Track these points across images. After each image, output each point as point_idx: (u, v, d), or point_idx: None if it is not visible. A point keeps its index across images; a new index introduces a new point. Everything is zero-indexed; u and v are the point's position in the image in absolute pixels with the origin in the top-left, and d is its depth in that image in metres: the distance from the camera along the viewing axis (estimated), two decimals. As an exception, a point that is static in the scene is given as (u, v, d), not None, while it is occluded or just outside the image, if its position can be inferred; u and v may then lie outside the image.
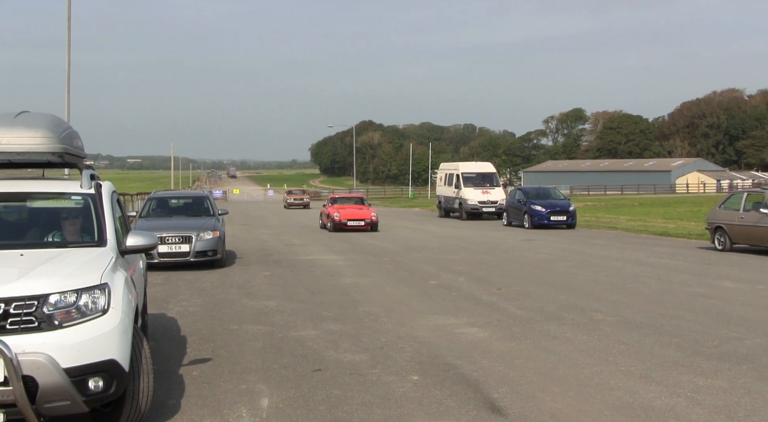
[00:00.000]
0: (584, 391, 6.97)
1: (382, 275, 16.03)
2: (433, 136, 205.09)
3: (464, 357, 8.38)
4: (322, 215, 32.66)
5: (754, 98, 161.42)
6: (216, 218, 18.77)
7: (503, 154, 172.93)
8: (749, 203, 20.23)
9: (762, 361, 8.03)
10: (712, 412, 6.32)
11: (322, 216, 32.65)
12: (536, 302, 12.08)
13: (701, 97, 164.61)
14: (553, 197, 33.69)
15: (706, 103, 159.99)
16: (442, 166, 47.19)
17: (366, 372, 7.75)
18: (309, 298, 12.86)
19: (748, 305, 11.73)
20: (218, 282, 15.04)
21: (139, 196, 47.82)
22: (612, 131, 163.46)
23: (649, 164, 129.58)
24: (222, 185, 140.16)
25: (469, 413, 6.37)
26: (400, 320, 10.70)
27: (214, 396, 6.90)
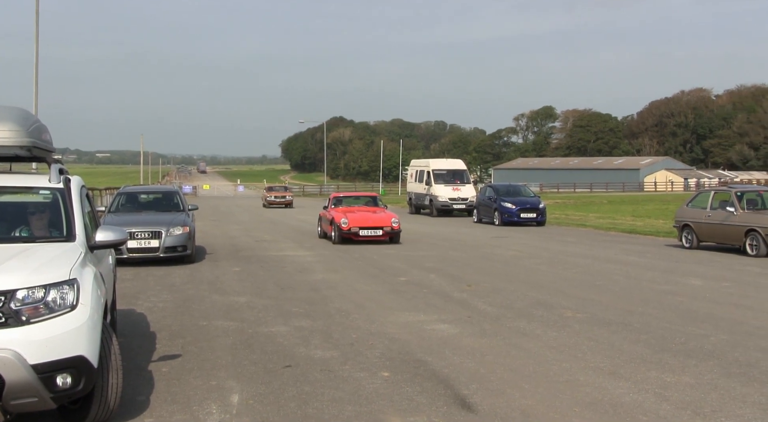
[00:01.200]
0: (554, 387, 7.02)
1: (352, 271, 16.02)
2: (404, 132, 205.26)
3: (435, 353, 8.40)
4: (322, 220, 24.56)
5: (721, 98, 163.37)
6: (186, 214, 18.66)
7: (474, 151, 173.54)
8: (716, 202, 20.45)
9: (728, 357, 8.13)
10: (680, 408, 6.38)
11: (322, 222, 24.60)
12: (506, 299, 12.13)
13: (670, 97, 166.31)
14: (523, 194, 33.84)
15: (674, 103, 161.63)
16: (412, 163, 47.23)
17: (336, 368, 7.74)
18: (279, 294, 12.83)
19: (715, 302, 11.87)
20: (188, 278, 14.95)
21: (108, 191, 47.38)
22: (582, 129, 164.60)
23: (618, 163, 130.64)
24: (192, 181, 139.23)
25: (439, 409, 6.39)
26: (370, 316, 10.70)
27: (184, 393, 6.86)
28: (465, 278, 14.68)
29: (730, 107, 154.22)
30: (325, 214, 24.33)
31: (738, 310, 11.14)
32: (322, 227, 24.56)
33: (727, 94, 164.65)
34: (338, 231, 22.25)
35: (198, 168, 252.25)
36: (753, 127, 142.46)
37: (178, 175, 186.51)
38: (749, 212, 19.19)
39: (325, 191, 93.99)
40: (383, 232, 22.30)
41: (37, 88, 28.10)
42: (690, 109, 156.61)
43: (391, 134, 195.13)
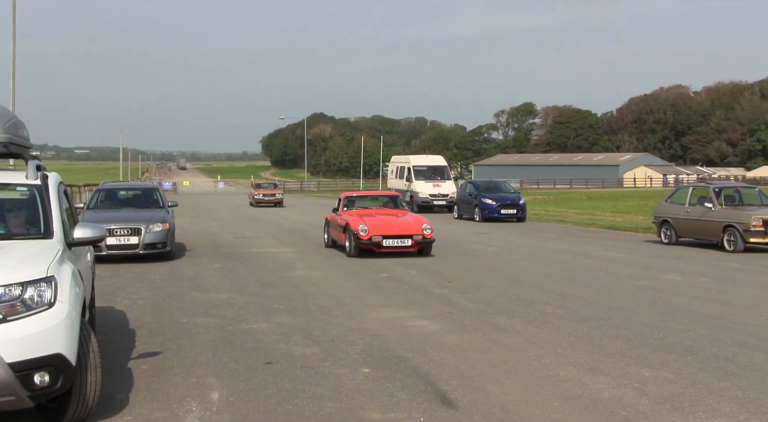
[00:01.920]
0: (534, 383, 7.04)
1: (333, 268, 16.01)
2: (384, 129, 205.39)
3: (415, 349, 8.40)
4: (331, 226, 19.90)
5: (699, 95, 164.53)
6: (166, 210, 18.56)
7: (454, 147, 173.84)
8: (694, 198, 20.59)
9: (706, 352, 8.18)
10: (658, 402, 6.42)
11: (331, 228, 19.97)
12: (487, 295, 12.16)
13: (649, 93, 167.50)
14: (504, 190, 33.91)
15: (653, 100, 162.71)
16: (393, 159, 47.27)
17: (317, 365, 7.73)
18: (260, 291, 12.79)
19: (693, 297, 11.95)
20: (168, 275, 14.88)
21: (87, 187, 47.09)
22: (561, 125, 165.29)
23: (597, 159, 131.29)
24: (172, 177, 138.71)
25: (420, 405, 6.39)
26: (351, 313, 10.70)
27: (164, 390, 6.83)
28: (446, 275, 14.70)
29: (708, 103, 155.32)
30: (335, 218, 19.41)
31: (716, 305, 11.22)
32: (331, 235, 19.94)
33: (706, 91, 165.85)
34: (355, 241, 17.43)
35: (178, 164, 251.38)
36: (730, 123, 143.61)
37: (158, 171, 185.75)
38: (727, 208, 19.33)
39: (305, 188, 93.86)
40: (413, 242, 17.51)
41: (14, 83, 27.86)
42: (669, 105, 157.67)
43: (372, 131, 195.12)
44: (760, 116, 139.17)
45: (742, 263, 16.46)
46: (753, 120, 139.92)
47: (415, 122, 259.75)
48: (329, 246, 20.07)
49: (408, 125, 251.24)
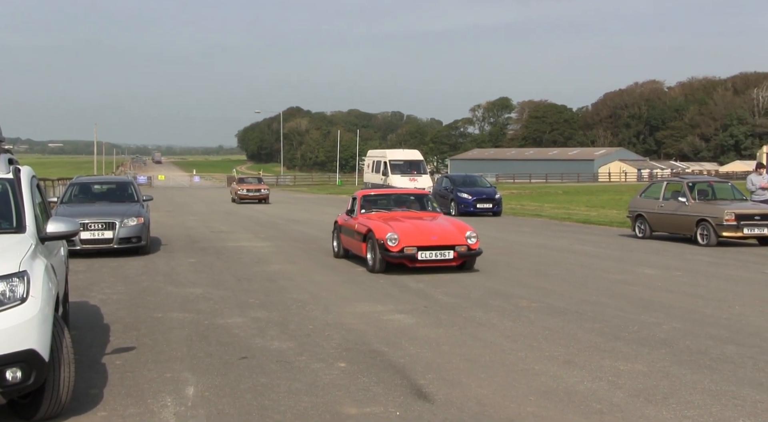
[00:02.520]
0: (509, 377, 7.07)
1: (309, 262, 15.98)
2: (360, 123, 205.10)
3: (391, 343, 8.41)
4: (344, 231, 16.15)
5: (673, 90, 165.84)
6: (140, 204, 18.45)
7: (430, 141, 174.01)
8: (668, 192, 20.73)
9: (679, 345, 8.25)
10: (632, 395, 6.47)
11: (343, 234, 16.19)
12: (463, 289, 12.19)
13: (623, 88, 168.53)
14: (480, 184, 33.98)
15: (628, 94, 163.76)
16: (369, 153, 47.31)
17: (293, 359, 7.72)
18: (236, 285, 12.75)
19: (667, 291, 12.04)
20: (143, 269, 14.79)
21: (61, 181, 46.62)
22: (537, 120, 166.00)
23: (572, 153, 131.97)
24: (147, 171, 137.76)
25: (396, 399, 6.40)
26: (327, 307, 10.69)
27: (138, 386, 6.79)
28: (422, 269, 14.69)
29: (682, 98, 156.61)
30: (349, 223, 15.77)
31: (689, 299, 11.31)
32: (345, 243, 16.21)
33: (679, 86, 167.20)
34: (381, 252, 13.85)
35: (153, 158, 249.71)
36: (704, 119, 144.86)
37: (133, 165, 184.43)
38: (700, 203, 19.50)
39: (281, 182, 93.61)
40: (455, 254, 13.88)
41: (-14, 76, 27.51)
42: (643, 100, 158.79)
43: (348, 125, 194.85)
44: (732, 112, 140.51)
45: (715, 257, 16.61)
46: (726, 115, 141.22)
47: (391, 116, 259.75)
48: (340, 256, 16.51)
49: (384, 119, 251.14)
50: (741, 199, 20.08)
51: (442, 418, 5.93)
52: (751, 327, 9.22)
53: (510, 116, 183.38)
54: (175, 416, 6.01)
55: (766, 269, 14.72)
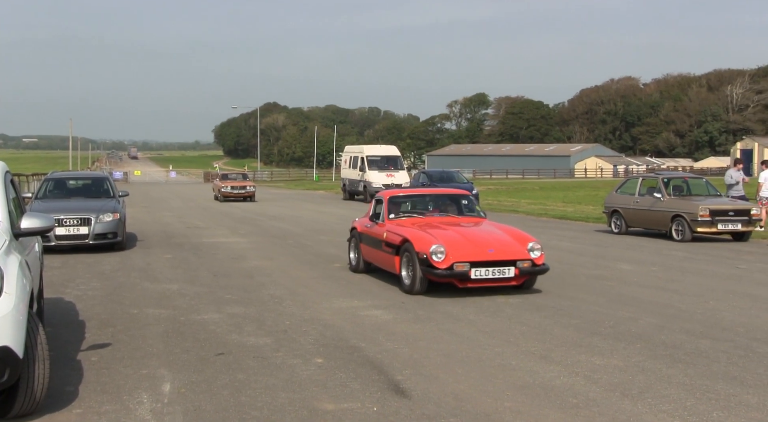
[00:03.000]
0: (486, 372, 7.09)
1: (286, 258, 15.95)
2: (338, 119, 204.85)
3: (368, 339, 8.41)
4: (367, 241, 13.24)
5: (648, 86, 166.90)
6: (116, 200, 18.33)
7: (408, 137, 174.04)
8: (644, 188, 20.88)
9: (655, 340, 8.31)
10: (608, 390, 6.51)
11: (367, 244, 13.25)
12: (439, 285, 12.19)
13: (599, 85, 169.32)
14: (457, 180, 34.09)
15: (604, 91, 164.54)
16: (346, 149, 47.20)
17: (270, 355, 7.70)
18: (212, 281, 12.70)
19: (643, 286, 12.13)
20: (118, 265, 14.70)
21: (35, 177, 46.27)
22: (514, 116, 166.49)
23: (549, 149, 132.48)
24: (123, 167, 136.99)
25: (373, 395, 6.40)
26: (304, 303, 10.67)
27: (114, 382, 6.75)
28: (399, 264, 14.70)
29: (657, 95, 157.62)
30: (373, 231, 12.91)
31: (665, 294, 11.40)
32: (367, 255, 13.20)
33: (655, 82, 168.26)
34: (422, 269, 11.02)
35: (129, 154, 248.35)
36: (679, 115, 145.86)
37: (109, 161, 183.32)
38: (675, 199, 19.65)
39: (259, 178, 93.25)
40: (516, 271, 11.13)
41: (-41, 70, 27.21)
42: (619, 97, 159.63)
43: (325, 120, 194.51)
44: (707, 108, 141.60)
45: (690, 253, 16.74)
46: (700, 112, 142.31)
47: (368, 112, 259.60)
48: (359, 271, 13.41)
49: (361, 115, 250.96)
50: (715, 195, 20.27)
51: (420, 413, 5.94)
52: (725, 322, 9.30)
53: (487, 111, 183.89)
54: (152, 413, 5.98)
55: (740, 264, 14.86)
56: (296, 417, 5.87)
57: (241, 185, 42.65)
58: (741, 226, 18.78)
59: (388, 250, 11.96)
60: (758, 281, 12.70)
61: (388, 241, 11.98)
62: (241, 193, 41.99)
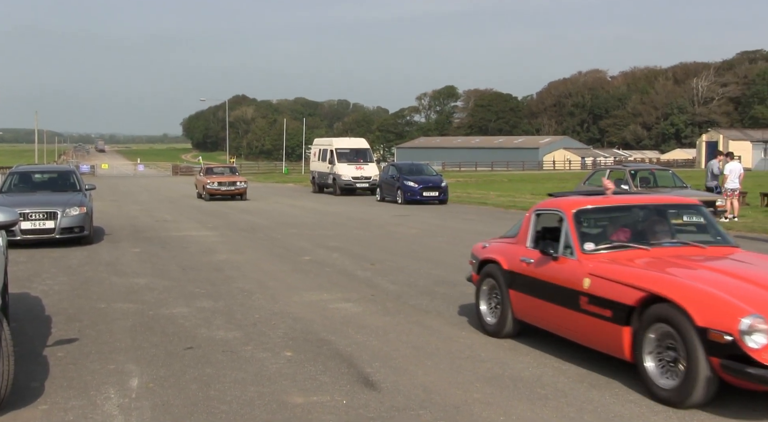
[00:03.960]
0: (456, 364, 7.12)
1: (256, 251, 15.89)
2: (307, 111, 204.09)
3: (338, 332, 8.41)
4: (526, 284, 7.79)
5: (616, 79, 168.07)
6: (83, 194, 18.15)
7: (377, 130, 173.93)
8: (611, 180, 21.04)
9: (622, 331, 8.37)
10: (577, 381, 6.56)
11: (526, 287, 7.80)
12: (409, 277, 12.23)
13: (568, 78, 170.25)
14: (426, 173, 34.11)
15: (572, 83, 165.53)
16: (316, 141, 47.04)
17: (239, 349, 7.68)
18: (181, 275, 12.62)
19: (610, 277, 12.20)
20: (86, 260, 14.56)
21: (0, 170, 45.70)
22: (483, 108, 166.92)
23: (518, 142, 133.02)
24: (90, 160, 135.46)
25: (342, 388, 6.40)
26: (274, 296, 10.65)
27: (81, 378, 6.69)
28: (368, 257, 14.73)
29: (624, 88, 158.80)
30: (545, 270, 7.56)
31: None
32: (526, 310, 7.94)
33: (622, 75, 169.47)
34: (716, 361, 5.67)
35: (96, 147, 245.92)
36: (646, 108, 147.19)
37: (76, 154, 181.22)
38: (642, 190, 19.82)
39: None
40: None
41: None
42: (587, 90, 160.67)
43: (294, 113, 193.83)
44: (673, 101, 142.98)
45: (657, 244, 16.88)
46: (667, 104, 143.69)
47: (337, 105, 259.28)
48: (503, 334, 8.15)
49: (330, 108, 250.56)
50: (681, 186, 20.48)
51: (389, 406, 5.95)
52: (691, 312, 9.39)
53: (456, 104, 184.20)
54: (119, 408, 5.94)
55: (706, 255, 15.02)
56: (265, 411, 5.85)
57: (230, 180, 36.47)
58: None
59: (601, 313, 6.69)
60: (723, 271, 12.84)
61: (601, 296, 6.71)
62: (231, 190, 36.04)
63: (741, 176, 22.52)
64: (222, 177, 36.70)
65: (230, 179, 36.58)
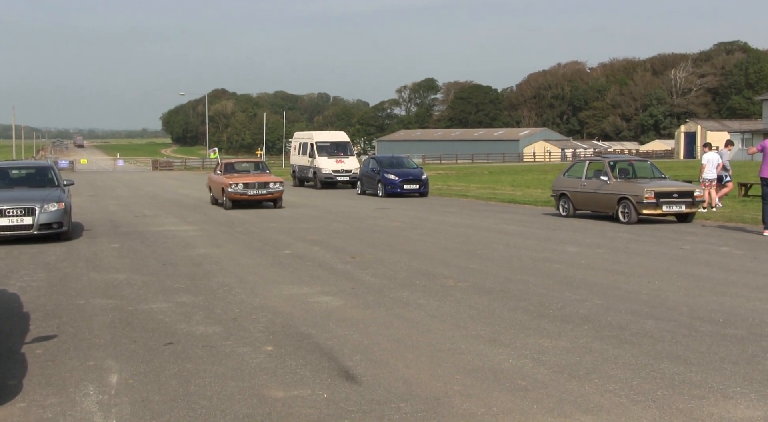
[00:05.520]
0: (436, 356, 7.12)
1: (235, 245, 15.84)
2: (287, 105, 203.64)
3: (318, 325, 8.40)
4: None
5: (595, 71, 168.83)
6: (61, 189, 18.02)
7: (357, 123, 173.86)
8: (591, 171, 21.14)
9: (601, 321, 8.43)
10: (556, 372, 6.59)
11: None
12: (389, 270, 12.23)
13: (547, 69, 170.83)
14: (406, 165, 34.15)
15: (551, 75, 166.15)
16: (296, 135, 46.95)
17: (219, 343, 7.65)
18: (160, 270, 12.56)
19: (589, 268, 12.28)
20: (64, 256, 14.47)
21: (-23, 166, 45.26)
22: (463, 101, 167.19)
23: (498, 134, 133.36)
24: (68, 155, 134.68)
25: (323, 381, 6.40)
26: (253, 290, 10.62)
27: (60, 375, 6.65)
28: (349, 250, 14.72)
29: (603, 79, 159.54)
30: None
31: (611, 275, 11.56)
32: None
33: (601, 67, 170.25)
34: None
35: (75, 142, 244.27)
36: (624, 99, 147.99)
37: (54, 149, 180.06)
38: (621, 181, 19.92)
39: (207, 165, 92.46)
40: None
41: None
42: (566, 81, 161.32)
43: (274, 107, 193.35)
44: (651, 92, 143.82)
45: (636, 234, 16.99)
46: (645, 96, 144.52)
47: (317, 98, 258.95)
48: None
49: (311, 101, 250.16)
50: (660, 177, 20.59)
51: (369, 399, 5.95)
52: (669, 302, 9.47)
53: (436, 97, 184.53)
54: (98, 405, 5.90)
55: (684, 245, 15.13)
56: (246, 405, 5.84)
57: (259, 180, 25.95)
58: (685, 208, 19.11)
59: None
60: (701, 261, 12.95)
61: None
62: (262, 195, 25.75)
63: (719, 167, 22.76)
64: (248, 176, 26.67)
65: (259, 178, 26.17)
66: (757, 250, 14.24)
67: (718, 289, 10.32)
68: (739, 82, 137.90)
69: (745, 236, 16.48)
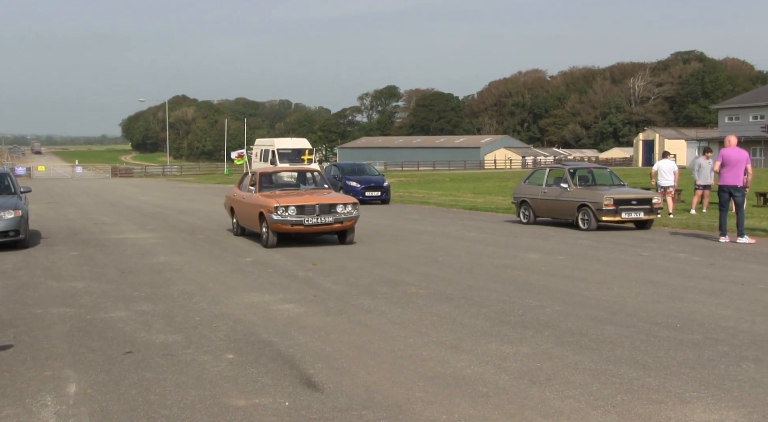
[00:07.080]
0: (398, 363, 7.13)
1: (196, 253, 15.73)
2: (248, 111, 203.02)
3: (280, 333, 8.37)
4: None
5: (555, 79, 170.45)
6: (18, 196, 17.77)
7: (319, 130, 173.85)
8: (551, 179, 21.31)
9: (561, 327, 8.50)
10: (517, 378, 6.63)
11: None
12: (351, 277, 12.23)
13: (508, 77, 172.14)
14: (368, 173, 34.17)
15: (512, 83, 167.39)
16: (257, 142, 46.78)
17: (179, 352, 7.59)
18: (120, 278, 12.43)
19: (550, 275, 12.38)
20: (21, 264, 14.26)
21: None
22: (425, 108, 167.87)
23: (459, 141, 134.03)
24: (26, 162, 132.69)
25: (285, 389, 6.37)
26: (214, 298, 10.55)
27: (16, 385, 6.55)
28: (310, 257, 14.69)
29: (563, 87, 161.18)
30: None
31: (571, 281, 11.66)
32: None
33: (561, 75, 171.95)
34: None
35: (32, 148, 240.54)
36: (584, 107, 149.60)
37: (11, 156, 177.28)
38: (581, 188, 20.11)
39: (167, 172, 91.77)
40: None
41: None
42: (527, 89, 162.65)
43: (236, 113, 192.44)
44: (611, 100, 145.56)
45: (595, 241, 17.16)
46: (605, 104, 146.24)
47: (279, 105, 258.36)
48: None
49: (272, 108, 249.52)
50: (619, 184, 20.83)
51: (331, 407, 5.94)
52: (629, 308, 9.57)
53: (398, 104, 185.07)
54: (56, 415, 5.82)
55: (643, 251, 15.31)
56: (207, 415, 5.80)
57: (321, 201, 16.67)
58: (643, 214, 19.33)
59: None
60: (659, 267, 13.11)
61: None
62: (328, 225, 16.54)
63: (676, 174, 23.10)
64: (300, 196, 17.07)
65: (320, 198, 16.90)
66: (714, 256, 14.45)
67: (676, 295, 10.46)
68: (696, 91, 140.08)
69: (702, 242, 16.72)
